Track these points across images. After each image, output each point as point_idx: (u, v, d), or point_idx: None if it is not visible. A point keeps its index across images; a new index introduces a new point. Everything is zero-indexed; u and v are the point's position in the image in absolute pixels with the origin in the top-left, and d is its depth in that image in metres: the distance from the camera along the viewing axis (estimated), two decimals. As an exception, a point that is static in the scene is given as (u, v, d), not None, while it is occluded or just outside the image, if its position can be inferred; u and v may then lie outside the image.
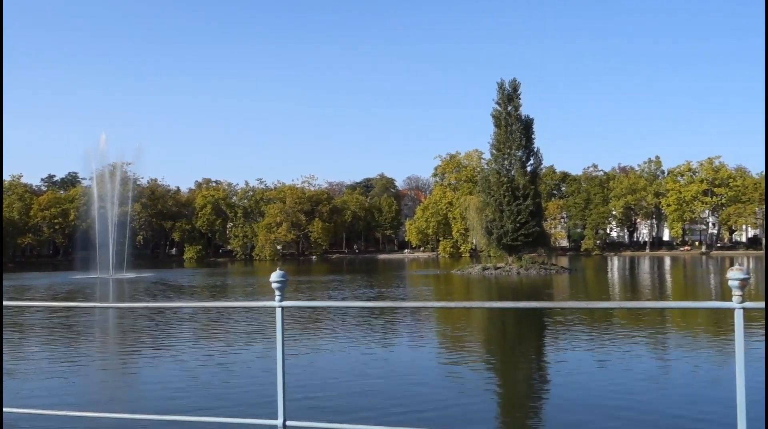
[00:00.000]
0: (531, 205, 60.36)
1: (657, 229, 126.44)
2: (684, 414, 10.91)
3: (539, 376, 15.17)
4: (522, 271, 57.66)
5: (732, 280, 3.32)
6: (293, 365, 15.32)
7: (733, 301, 3.33)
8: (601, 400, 11.99)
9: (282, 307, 3.98)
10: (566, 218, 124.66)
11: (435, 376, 14.50)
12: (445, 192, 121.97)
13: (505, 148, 61.52)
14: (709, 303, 3.36)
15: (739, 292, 3.31)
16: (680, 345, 18.45)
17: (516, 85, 61.99)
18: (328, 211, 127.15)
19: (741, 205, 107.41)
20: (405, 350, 18.18)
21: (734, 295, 3.33)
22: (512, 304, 3.52)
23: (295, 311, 25.63)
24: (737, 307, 3.32)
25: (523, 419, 11.47)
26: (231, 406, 11.51)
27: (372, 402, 11.96)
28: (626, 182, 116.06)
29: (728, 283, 3.36)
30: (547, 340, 20.14)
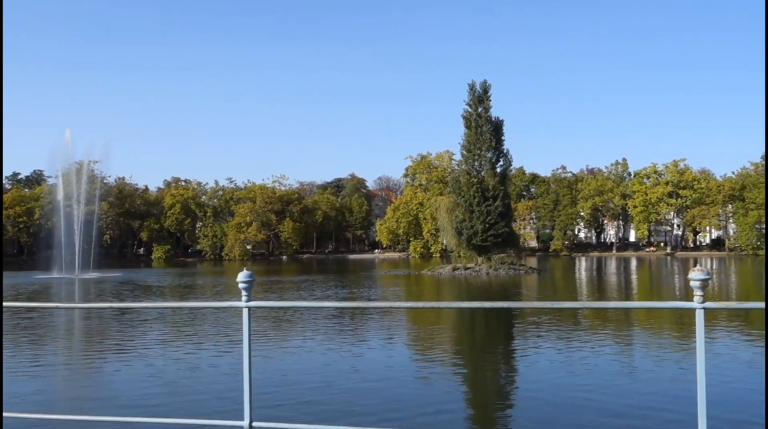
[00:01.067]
0: (500, 206, 60.82)
1: (623, 230, 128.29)
2: (649, 411, 11.08)
3: (508, 375, 15.29)
4: (491, 271, 58.07)
5: (693, 281, 3.38)
6: (262, 366, 15.22)
7: (695, 302, 3.39)
8: (569, 397, 12.12)
9: (249, 308, 3.95)
10: (535, 219, 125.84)
11: (405, 376, 14.52)
12: (416, 192, 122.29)
13: (476, 149, 61.90)
14: (671, 303, 3.41)
15: (700, 293, 3.37)
16: (645, 343, 18.73)
17: (486, 86, 62.42)
18: (299, 210, 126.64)
19: (705, 207, 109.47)
20: (375, 350, 18.17)
21: (695, 295, 3.39)
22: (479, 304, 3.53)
23: (265, 312, 25.48)
24: (698, 307, 3.38)
25: (492, 417, 11.54)
26: (198, 407, 11.40)
27: (341, 402, 11.93)
28: (594, 184, 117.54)
29: (690, 283, 3.42)
30: (516, 340, 20.30)
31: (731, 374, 14.02)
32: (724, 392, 12.15)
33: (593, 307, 3.87)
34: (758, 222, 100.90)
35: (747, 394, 12.28)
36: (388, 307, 6.87)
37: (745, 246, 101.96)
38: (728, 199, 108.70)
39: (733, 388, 12.64)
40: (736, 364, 15.35)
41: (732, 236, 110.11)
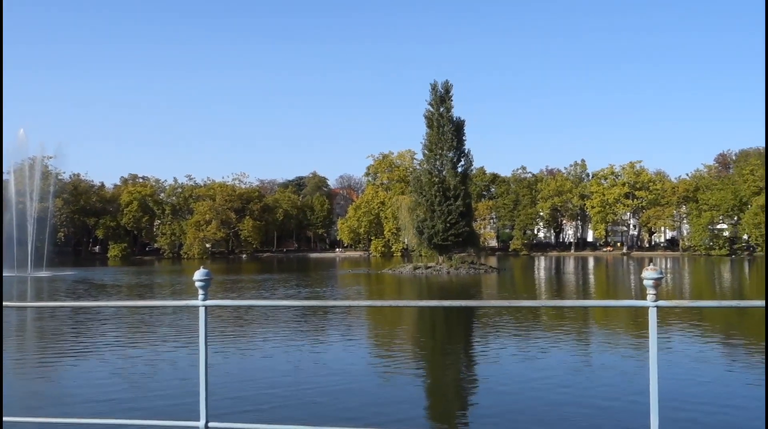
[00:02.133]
0: (461, 206, 61.23)
1: (581, 230, 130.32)
2: (604, 405, 11.30)
3: (469, 371, 15.43)
4: (452, 270, 58.44)
5: (647, 280, 3.45)
6: (221, 365, 15.06)
7: (648, 300, 3.46)
8: (528, 393, 12.27)
9: (205, 307, 3.90)
10: (495, 219, 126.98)
11: (365, 374, 14.53)
12: (378, 191, 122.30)
13: (437, 148, 62.21)
14: (625, 302, 3.50)
15: (653, 291, 3.44)
16: (602, 340, 19.09)
17: (448, 86, 62.78)
18: (259, 209, 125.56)
19: (660, 208, 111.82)
20: (336, 349, 18.14)
21: (648, 294, 3.45)
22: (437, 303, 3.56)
23: (226, 311, 25.21)
24: (651, 306, 3.44)
25: (453, 412, 11.62)
26: (154, 407, 11.24)
27: (300, 401, 11.88)
28: (553, 184, 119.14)
29: (643, 282, 3.49)
30: (476, 337, 20.49)
31: (684, 369, 14.37)
32: (676, 386, 12.44)
33: (550, 305, 3.92)
34: (710, 223, 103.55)
35: (697, 388, 12.60)
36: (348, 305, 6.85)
37: (698, 246, 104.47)
38: (682, 200, 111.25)
39: (684, 382, 12.94)
40: (689, 359, 15.73)
41: (686, 237, 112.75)
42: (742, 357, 16.66)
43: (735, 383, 13.42)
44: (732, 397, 12.13)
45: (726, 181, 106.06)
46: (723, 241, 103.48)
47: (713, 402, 11.75)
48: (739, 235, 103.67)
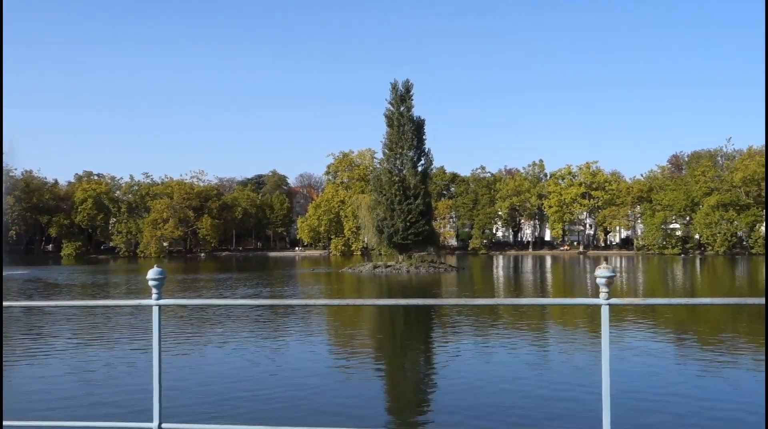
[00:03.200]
0: (421, 205, 61.52)
1: (539, 230, 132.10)
2: (558, 401, 11.47)
3: (428, 369, 15.53)
4: (412, 269, 58.66)
5: (599, 278, 3.50)
6: (178, 366, 14.86)
7: (600, 298, 3.51)
8: (485, 390, 12.39)
9: (159, 306, 3.84)
10: (455, 218, 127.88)
11: (324, 374, 14.49)
12: (338, 190, 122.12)
13: (397, 147, 62.39)
14: (578, 300, 3.54)
15: (606, 289, 3.50)
16: (558, 338, 19.39)
17: (408, 86, 63.00)
18: (218, 207, 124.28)
19: (615, 208, 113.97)
20: (294, 348, 18.06)
21: (601, 292, 3.51)
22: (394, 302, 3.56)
23: (183, 311, 24.87)
24: (604, 304, 3.50)
25: (412, 409, 11.67)
26: (108, 408, 11.03)
27: (257, 400, 11.79)
28: (512, 184, 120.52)
29: (596, 280, 3.54)
30: (435, 335, 20.61)
31: (637, 365, 14.68)
32: (627, 380, 12.69)
33: (506, 303, 3.96)
34: (663, 223, 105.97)
35: (649, 382, 12.88)
36: (306, 304, 6.82)
37: (651, 245, 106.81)
38: (637, 200, 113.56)
39: (636, 378, 13.21)
40: (640, 354, 16.08)
41: (640, 236, 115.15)
42: (693, 351, 17.09)
43: (684, 375, 13.76)
44: (681, 388, 12.42)
45: (679, 182, 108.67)
46: (675, 241, 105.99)
47: (663, 393, 12.02)
48: (691, 234, 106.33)
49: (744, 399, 11.75)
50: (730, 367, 14.80)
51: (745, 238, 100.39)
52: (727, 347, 17.41)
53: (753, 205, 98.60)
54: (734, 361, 15.55)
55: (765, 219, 73.30)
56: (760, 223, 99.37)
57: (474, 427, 10.03)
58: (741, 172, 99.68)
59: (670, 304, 4.02)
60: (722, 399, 11.84)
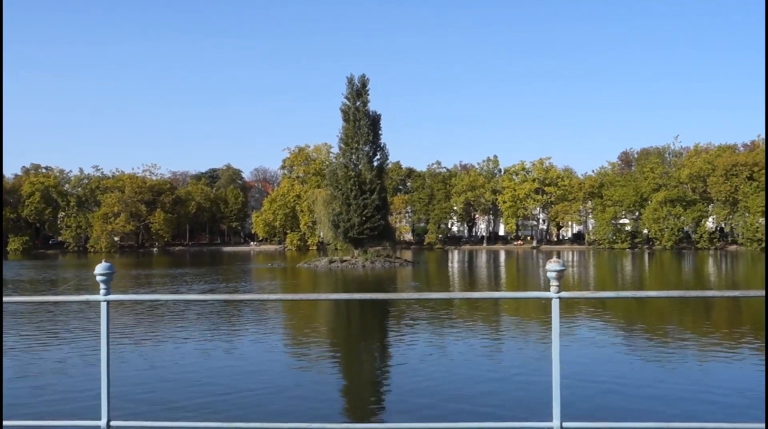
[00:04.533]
0: (377, 200, 61.60)
1: (493, 225, 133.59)
2: (511, 393, 11.65)
3: (383, 364, 15.58)
4: (367, 264, 58.76)
5: (550, 272, 3.56)
6: (129, 362, 14.60)
7: (551, 291, 3.57)
8: (439, 383, 12.50)
9: (108, 301, 3.75)
10: (411, 213, 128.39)
11: (279, 370, 14.42)
12: (293, 184, 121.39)
13: (353, 142, 62.33)
14: (529, 293, 3.58)
15: (556, 283, 3.56)
16: (512, 329, 19.67)
17: (365, 80, 62.93)
18: (171, 201, 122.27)
19: (567, 203, 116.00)
20: (249, 344, 17.92)
21: (552, 285, 3.57)
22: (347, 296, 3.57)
23: (137, 307, 24.42)
24: (554, 297, 3.56)
25: (368, 405, 11.70)
26: (56, 407, 10.77)
27: (210, 398, 11.66)
28: (467, 179, 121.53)
29: (547, 274, 3.60)
30: (391, 330, 20.70)
31: (587, 357, 14.99)
32: (577, 369, 12.95)
33: (459, 297, 3.99)
34: (614, 218, 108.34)
35: (599, 375, 13.16)
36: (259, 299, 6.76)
37: (602, 240, 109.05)
38: (588, 196, 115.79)
39: (587, 371, 13.49)
40: (591, 346, 16.43)
41: (591, 231, 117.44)
42: (640, 341, 17.53)
43: (632, 364, 14.11)
44: (628, 378, 12.73)
45: (628, 178, 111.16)
46: (625, 236, 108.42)
47: (611, 381, 12.31)
48: (639, 229, 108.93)
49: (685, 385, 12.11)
50: (674, 355, 15.24)
51: (691, 233, 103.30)
52: (672, 338, 17.92)
53: (699, 201, 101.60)
54: (680, 350, 16.01)
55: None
56: (705, 218, 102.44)
57: (430, 417, 10.11)
58: (688, 168, 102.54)
59: (618, 298, 4.11)
60: (664, 385, 12.17)
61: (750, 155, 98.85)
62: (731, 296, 3.83)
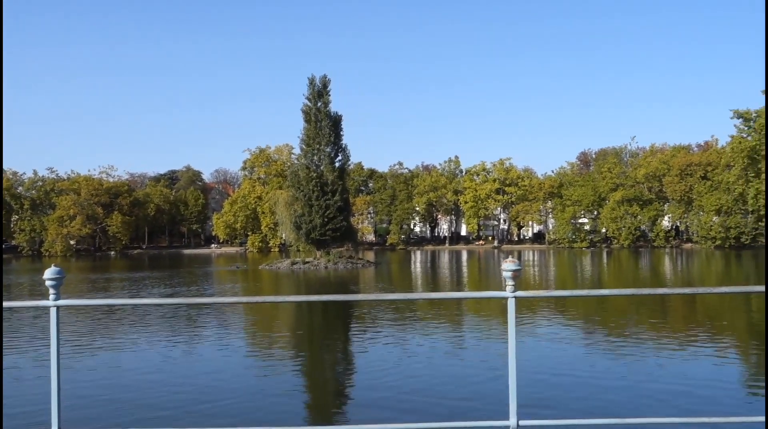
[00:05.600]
0: (339, 201, 61.51)
1: (455, 225, 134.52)
2: (470, 393, 11.74)
3: (346, 365, 15.58)
4: (330, 265, 58.63)
5: (506, 271, 3.59)
6: (83, 369, 14.30)
7: (507, 291, 3.60)
8: (398, 384, 12.52)
9: (57, 307, 3.67)
10: (373, 214, 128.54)
11: (241, 373, 14.27)
12: (254, 186, 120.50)
13: (315, 143, 62.15)
14: (485, 293, 3.62)
15: (512, 282, 3.59)
16: (472, 329, 19.83)
17: (326, 81, 62.77)
18: (129, 203, 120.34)
19: (528, 204, 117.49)
20: (210, 348, 17.70)
21: (507, 285, 3.60)
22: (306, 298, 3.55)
23: (93, 312, 23.93)
24: (510, 296, 3.59)
25: (329, 407, 11.67)
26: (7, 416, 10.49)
27: (171, 403, 11.49)
28: (429, 180, 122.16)
29: (503, 274, 3.63)
30: (353, 331, 20.67)
31: (545, 355, 15.19)
32: (537, 371, 13.11)
33: (416, 298, 4.01)
34: (573, 217, 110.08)
35: (556, 372, 13.35)
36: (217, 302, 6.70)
37: (561, 239, 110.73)
38: (548, 196, 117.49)
39: (545, 368, 13.67)
40: (552, 345, 16.65)
41: (551, 230, 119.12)
42: (599, 338, 17.83)
43: (589, 361, 14.33)
44: (585, 374, 12.94)
45: (587, 178, 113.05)
46: (584, 235, 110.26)
47: (569, 378, 12.49)
48: (598, 228, 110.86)
49: (642, 381, 12.35)
50: (632, 351, 15.53)
51: (648, 231, 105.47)
52: (630, 334, 18.27)
53: (655, 201, 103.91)
54: (637, 346, 16.32)
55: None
56: (661, 217, 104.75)
57: (389, 417, 10.12)
58: (644, 168, 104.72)
59: (573, 296, 4.16)
60: (621, 381, 12.40)
61: (704, 155, 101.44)
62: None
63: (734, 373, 13.87)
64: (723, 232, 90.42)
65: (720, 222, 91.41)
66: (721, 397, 11.38)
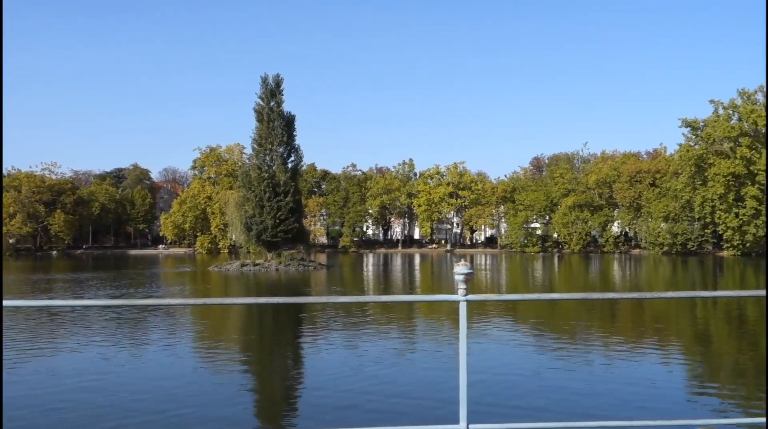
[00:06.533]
0: (291, 202, 61.21)
1: (409, 228, 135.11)
2: (422, 397, 11.83)
3: (296, 370, 15.51)
4: (281, 267, 58.28)
5: (458, 275, 3.65)
6: (21, 375, 13.92)
7: (458, 294, 3.67)
8: (353, 389, 12.54)
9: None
10: (325, 216, 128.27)
11: (188, 378, 14.08)
12: (204, 186, 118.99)
13: (267, 143, 61.73)
14: (437, 296, 3.67)
15: (464, 286, 3.65)
16: (424, 333, 19.99)
17: (279, 80, 62.40)
18: (73, 202, 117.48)
19: (481, 208, 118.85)
20: (155, 351, 17.41)
21: (459, 288, 3.66)
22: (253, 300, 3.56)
23: (34, 315, 23.28)
24: (461, 300, 3.66)
25: (281, 413, 11.61)
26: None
27: (115, 408, 11.27)
28: (382, 182, 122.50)
29: (455, 277, 3.69)
30: (304, 335, 20.60)
31: (496, 359, 15.40)
32: (488, 375, 13.30)
33: (365, 301, 4.04)
34: (525, 222, 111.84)
35: (507, 376, 13.56)
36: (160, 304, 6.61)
37: (514, 244, 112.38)
38: (501, 200, 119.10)
39: (495, 372, 13.87)
40: (503, 349, 16.89)
41: (503, 235, 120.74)
42: (548, 341, 18.16)
43: (539, 364, 14.59)
44: (535, 377, 13.17)
45: (539, 183, 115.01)
46: (536, 239, 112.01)
47: (519, 382, 12.70)
48: (550, 233, 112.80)
49: (591, 383, 12.64)
50: (581, 354, 15.87)
51: (598, 237, 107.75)
52: (580, 338, 18.66)
53: (605, 206, 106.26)
54: (586, 349, 16.68)
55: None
56: (611, 223, 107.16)
57: (339, 421, 10.13)
58: (595, 174, 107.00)
59: (523, 300, 4.26)
60: (571, 384, 12.67)
61: (653, 163, 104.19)
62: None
63: (678, 376, 14.31)
64: (670, 238, 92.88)
65: (668, 228, 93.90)
66: (664, 399, 11.72)
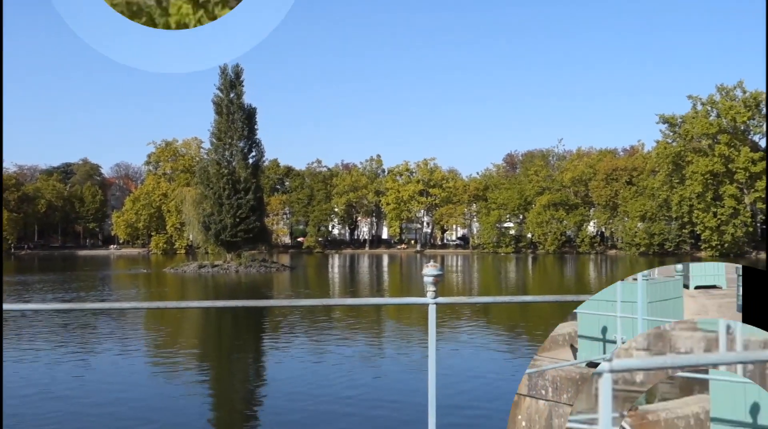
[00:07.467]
0: (252, 200, 60.94)
1: (376, 228, 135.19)
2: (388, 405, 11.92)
3: (257, 376, 15.49)
4: (241, 268, 58.00)
5: (427, 277, 3.71)
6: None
7: (428, 297, 3.73)
8: (315, 396, 12.58)
9: None
10: (289, 214, 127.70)
11: (143, 385, 13.98)
12: (159, 182, 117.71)
13: (227, 137, 61.34)
14: (405, 299, 3.72)
15: (433, 288, 3.72)
16: (392, 337, 20.08)
17: (239, 71, 62.00)
18: (17, 199, 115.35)
19: (452, 206, 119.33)
20: (105, 357, 17.23)
21: (428, 290, 3.72)
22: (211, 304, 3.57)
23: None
24: (431, 303, 3.72)
25: (240, 420, 11.60)
26: None
27: (60, 416, 11.16)
28: (349, 179, 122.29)
29: (423, 279, 3.76)
30: (265, 340, 20.56)
31: (465, 363, 15.57)
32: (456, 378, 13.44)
33: (332, 304, 4.10)
34: (498, 221, 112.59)
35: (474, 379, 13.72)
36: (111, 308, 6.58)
37: (486, 244, 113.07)
38: (473, 198, 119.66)
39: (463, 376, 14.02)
40: (474, 353, 17.07)
41: (476, 235, 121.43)
42: (521, 345, 18.39)
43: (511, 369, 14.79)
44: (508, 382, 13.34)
45: (513, 181, 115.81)
46: (509, 240, 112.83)
47: (491, 387, 12.86)
48: (523, 233, 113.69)
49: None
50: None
51: (573, 237, 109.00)
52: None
53: (581, 205, 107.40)
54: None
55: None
56: (586, 222, 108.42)
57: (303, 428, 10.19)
58: (570, 172, 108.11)
59: (494, 303, 4.35)
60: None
61: (629, 160, 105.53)
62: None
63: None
64: (647, 238, 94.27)
65: (644, 228, 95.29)
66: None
